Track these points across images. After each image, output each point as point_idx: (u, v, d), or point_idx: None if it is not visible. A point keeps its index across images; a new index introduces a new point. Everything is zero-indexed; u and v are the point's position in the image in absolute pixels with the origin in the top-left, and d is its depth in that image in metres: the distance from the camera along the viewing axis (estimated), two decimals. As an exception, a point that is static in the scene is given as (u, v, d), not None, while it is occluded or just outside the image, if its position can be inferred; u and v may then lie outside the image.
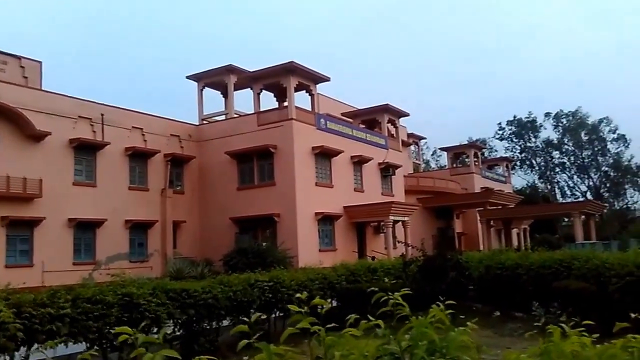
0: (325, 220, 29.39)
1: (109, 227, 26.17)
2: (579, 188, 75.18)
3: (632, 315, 3.46)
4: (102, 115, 26.67)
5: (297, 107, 28.40)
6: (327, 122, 30.55)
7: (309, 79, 29.51)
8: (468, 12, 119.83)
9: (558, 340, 2.59)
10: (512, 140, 77.48)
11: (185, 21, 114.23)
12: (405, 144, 50.01)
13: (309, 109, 29.97)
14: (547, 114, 75.09)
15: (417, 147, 61.14)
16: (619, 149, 72.62)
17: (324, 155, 29.66)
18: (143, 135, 28.33)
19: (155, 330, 8.82)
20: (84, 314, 7.91)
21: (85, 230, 25.53)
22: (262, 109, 29.44)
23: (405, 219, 32.33)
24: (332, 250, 29.31)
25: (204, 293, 9.94)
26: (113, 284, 9.21)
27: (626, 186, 72.25)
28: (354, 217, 31.03)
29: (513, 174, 74.92)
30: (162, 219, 28.36)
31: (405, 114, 38.29)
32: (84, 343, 8.02)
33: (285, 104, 30.21)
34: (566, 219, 69.33)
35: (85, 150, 25.89)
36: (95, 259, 25.65)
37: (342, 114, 37.06)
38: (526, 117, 76.21)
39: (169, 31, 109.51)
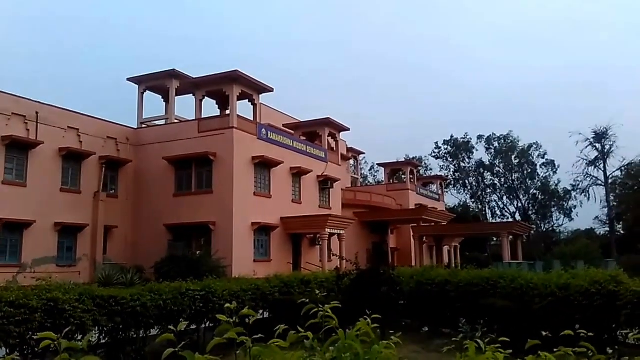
0: (262, 231, 29.28)
1: (37, 229, 25.14)
2: (508, 209, 77.98)
3: (544, 333, 3.63)
4: (37, 113, 25.68)
5: (239, 116, 28.26)
6: (269, 132, 30.53)
7: (252, 89, 29.45)
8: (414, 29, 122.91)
9: (473, 356, 2.68)
10: (447, 160, 79.66)
11: (128, 21, 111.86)
12: (345, 158, 50.46)
13: (251, 118, 29.87)
14: (480, 137, 77.71)
15: (355, 161, 61.77)
16: (547, 174, 75.95)
17: (263, 165, 29.60)
18: (79, 136, 27.46)
19: (79, 337, 8.53)
20: (5, 318, 7.57)
21: (12, 231, 24.43)
22: (203, 116, 29.12)
23: (341, 232, 32.59)
24: (267, 261, 29.20)
25: (132, 301, 9.69)
26: (38, 288, 8.86)
27: (552, 209, 75.59)
28: (290, 228, 31.04)
29: (446, 192, 76.92)
30: (94, 223, 27.51)
31: (346, 129, 38.72)
32: (4, 348, 7.66)
33: (227, 112, 29.98)
34: (495, 239, 71.70)
35: (17, 149, 24.86)
36: (21, 261, 24.55)
37: (284, 125, 37.07)
38: (462, 138, 78.61)
39: (112, 30, 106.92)
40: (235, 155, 27.49)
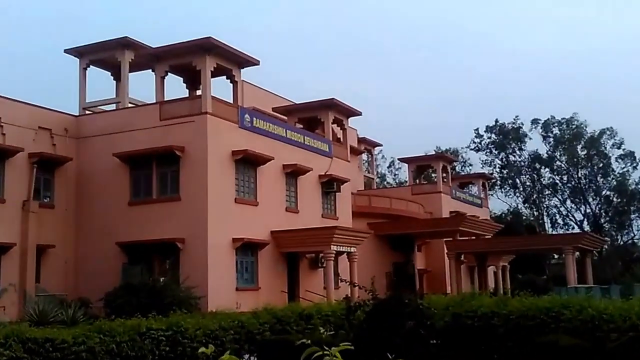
0: (246, 249, 29.30)
1: (-55, 251, 25.12)
2: (573, 216, 78.17)
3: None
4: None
5: (214, 98, 28.25)
6: (254, 118, 30.55)
7: (232, 61, 29.45)
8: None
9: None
10: (491, 152, 79.75)
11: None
12: (356, 152, 50.46)
13: (230, 100, 29.91)
14: (535, 121, 77.67)
15: (370, 156, 61.90)
16: (624, 169, 75.80)
17: (247, 162, 29.61)
18: (1, 126, 27.45)
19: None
20: None
21: None
22: (166, 99, 29.13)
23: (352, 250, 32.59)
24: (254, 289, 29.22)
25: (75, 344, 9.67)
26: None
27: (632, 216, 75.11)
28: (284, 245, 31.05)
29: (491, 195, 77.03)
30: (22, 242, 27.44)
31: (356, 113, 38.74)
32: None
33: (199, 92, 29.94)
34: (556, 256, 71.75)
35: None
36: None
37: (274, 110, 37.13)
38: (511, 123, 78.58)
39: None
40: (210, 149, 27.49)
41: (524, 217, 78.89)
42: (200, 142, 27.53)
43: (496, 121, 78.93)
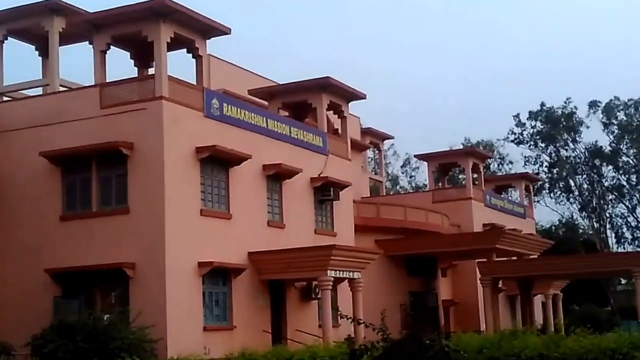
0: (217, 277, 29.21)
1: None
2: (645, 228, 78.09)
3: None
4: None
5: (171, 78, 28.10)
6: (224, 104, 30.43)
7: (193, 30, 29.33)
8: None
9: None
10: (536, 146, 79.78)
11: None
12: (359, 147, 50.37)
13: (193, 81, 29.79)
14: (593, 104, 77.65)
15: (377, 152, 61.93)
16: None
17: (217, 162, 29.52)
18: None
19: None
20: None
21: None
22: (109, 80, 28.99)
23: (356, 275, 32.49)
24: (228, 328, 29.10)
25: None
26: None
27: None
28: (267, 271, 30.98)
29: (537, 202, 77.18)
30: None
31: (359, 95, 38.66)
32: None
33: (151, 71, 29.80)
34: (624, 281, 71.64)
35: None
36: None
37: (251, 93, 37.04)
38: (561, 107, 78.56)
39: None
40: (167, 145, 27.34)
41: (581, 231, 78.98)
42: (153, 136, 27.33)
43: (542, 105, 78.88)
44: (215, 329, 28.44)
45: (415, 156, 64.33)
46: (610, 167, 78.60)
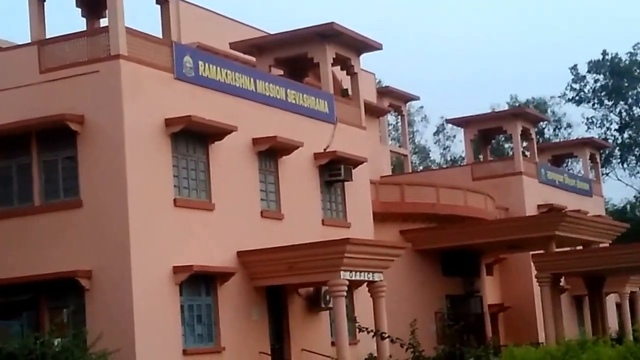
0: (198, 284, 29.25)
1: None
2: None
3: None
4: None
5: (130, 30, 27.98)
6: (200, 62, 30.33)
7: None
8: None
9: None
10: (601, 104, 79.50)
11: None
12: (376, 112, 50.28)
13: (159, 33, 29.84)
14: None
15: (400, 118, 61.65)
16: None
17: (193, 137, 29.52)
18: None
19: None
20: None
21: None
22: (49, 35, 28.90)
23: (377, 277, 32.43)
24: (214, 350, 29.12)
25: None
26: None
27: None
28: (262, 275, 31.07)
29: (606, 175, 76.83)
30: None
31: (374, 46, 38.66)
32: None
33: (104, 22, 29.66)
34: None
35: None
36: None
37: (234, 47, 37.13)
38: (630, 53, 78.16)
39: None
40: (128, 117, 27.20)
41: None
42: (110, 106, 27.22)
43: (604, 54, 78.51)
44: (198, 352, 28.40)
45: (447, 121, 64.25)
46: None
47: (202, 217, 29.51)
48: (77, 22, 32.10)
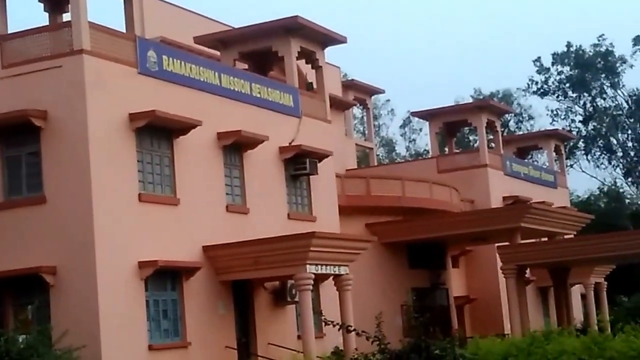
0: (164, 279, 29.20)
1: None
2: None
3: None
4: None
5: (93, 25, 27.89)
6: (164, 57, 30.27)
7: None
8: None
9: None
10: (566, 96, 79.74)
11: None
12: (341, 105, 50.22)
13: (122, 28, 29.69)
14: (638, 40, 77.50)
15: (365, 111, 61.64)
16: None
17: (157, 132, 29.44)
18: None
19: None
20: None
21: None
22: (11, 31, 28.80)
23: (343, 270, 32.53)
24: (180, 345, 29.10)
25: None
26: None
27: None
28: (227, 269, 31.06)
29: (571, 166, 77.19)
30: None
31: (339, 39, 38.65)
32: None
33: (67, 17, 29.56)
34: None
35: None
36: None
37: (198, 41, 37.10)
38: (594, 45, 78.43)
39: None
40: (92, 112, 27.12)
41: (628, 201, 79.17)
42: (73, 101, 27.11)
43: (569, 45, 78.74)
44: (164, 347, 28.36)
45: (413, 114, 64.17)
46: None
47: (167, 212, 29.46)
48: (39, 17, 31.96)
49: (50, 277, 26.68)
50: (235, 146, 32.58)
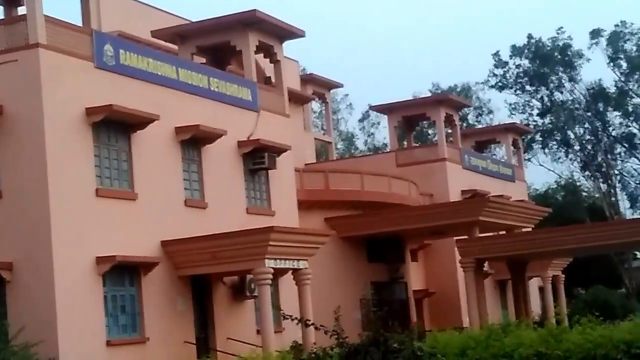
0: (122, 275, 29.10)
1: None
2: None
3: None
4: None
5: (49, 19, 27.72)
6: (121, 51, 30.13)
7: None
8: None
9: None
10: (523, 90, 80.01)
11: None
12: (299, 100, 50.10)
13: (79, 22, 29.56)
14: (595, 34, 77.87)
15: (324, 105, 61.61)
16: None
17: (114, 126, 29.33)
18: None
19: None
20: None
21: None
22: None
23: (302, 265, 32.53)
24: (139, 341, 29.04)
25: None
26: None
27: None
28: (186, 264, 31.00)
29: (529, 160, 77.58)
30: None
31: (296, 33, 38.71)
32: None
33: (22, 10, 29.36)
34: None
35: None
36: None
37: (155, 35, 36.98)
38: (552, 39, 78.75)
39: None
40: (48, 107, 26.99)
41: (585, 194, 79.67)
42: (29, 95, 27.01)
43: (529, 38, 79.02)
44: (122, 342, 28.28)
45: (371, 108, 64.28)
46: (617, 112, 79.11)
47: (125, 206, 29.37)
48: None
49: (6, 273, 26.55)
50: (194, 141, 32.48)
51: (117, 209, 29.03)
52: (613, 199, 78.17)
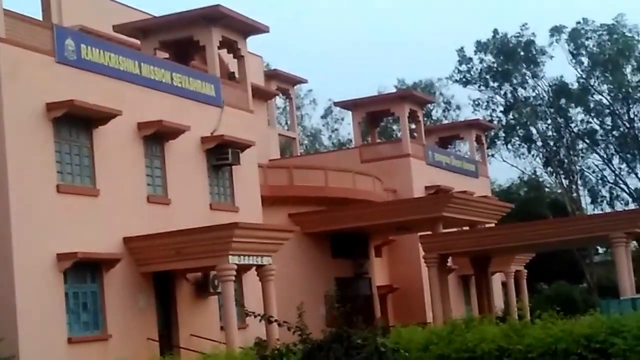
0: (83, 272, 28.99)
1: None
2: (625, 183, 79.52)
3: None
4: None
5: (9, 13, 27.56)
6: (83, 45, 29.99)
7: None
8: None
9: None
10: (487, 86, 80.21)
11: None
12: (263, 95, 50.08)
13: (39, 16, 29.44)
14: (556, 30, 78.30)
15: (288, 101, 61.56)
16: None
17: (76, 122, 29.18)
18: None
19: None
20: None
21: None
22: None
23: (266, 261, 32.50)
24: (100, 338, 28.93)
25: None
26: None
27: None
28: (149, 261, 30.90)
29: (492, 156, 77.74)
30: None
31: (260, 28, 38.64)
32: None
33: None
34: (601, 249, 72.72)
35: None
36: None
37: (117, 29, 36.83)
38: (516, 35, 79.04)
39: None
40: (7, 102, 26.82)
41: (547, 190, 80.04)
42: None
43: (495, 33, 79.23)
44: (83, 340, 28.18)
45: (335, 104, 64.14)
46: (579, 108, 79.46)
47: (86, 203, 29.22)
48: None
49: (-35, 272, 26.41)
50: (156, 136, 32.36)
51: (79, 205, 28.88)
52: (575, 194, 78.53)
